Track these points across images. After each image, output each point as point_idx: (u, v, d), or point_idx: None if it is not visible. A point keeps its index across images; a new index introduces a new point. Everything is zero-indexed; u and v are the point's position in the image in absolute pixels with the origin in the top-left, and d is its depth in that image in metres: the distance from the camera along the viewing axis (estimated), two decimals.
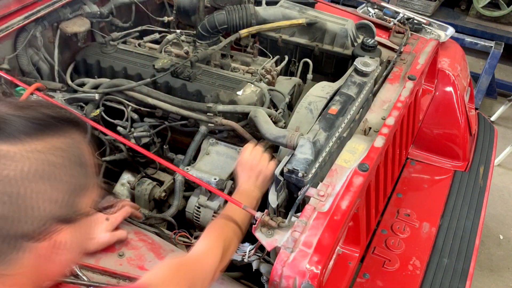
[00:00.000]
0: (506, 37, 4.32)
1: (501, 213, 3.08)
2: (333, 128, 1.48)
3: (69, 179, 0.76)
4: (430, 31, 2.32)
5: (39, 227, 0.73)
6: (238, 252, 1.31)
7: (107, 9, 2.10)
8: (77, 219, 0.78)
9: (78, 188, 0.78)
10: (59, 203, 0.75)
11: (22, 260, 0.74)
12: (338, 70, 2.04)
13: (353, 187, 1.34)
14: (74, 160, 0.78)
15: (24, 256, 0.74)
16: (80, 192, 0.78)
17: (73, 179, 0.77)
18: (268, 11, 2.09)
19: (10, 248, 0.72)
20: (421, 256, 1.70)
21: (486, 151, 2.34)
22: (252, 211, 1.26)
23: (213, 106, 1.59)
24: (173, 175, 1.60)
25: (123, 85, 1.66)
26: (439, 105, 2.26)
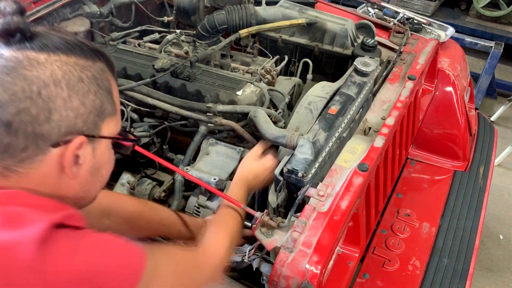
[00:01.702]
0: (506, 37, 4.32)
1: (501, 213, 3.07)
2: (333, 128, 1.48)
3: (95, 98, 0.83)
4: (430, 31, 2.33)
5: (60, 132, 0.79)
6: (237, 253, 1.31)
7: (107, 9, 2.10)
8: (97, 139, 0.85)
9: (103, 111, 0.85)
10: (83, 117, 0.81)
11: (41, 163, 0.80)
12: (338, 70, 2.04)
13: (353, 187, 1.34)
14: (99, 84, 0.84)
15: (42, 159, 0.79)
16: (104, 116, 0.85)
17: (99, 101, 0.83)
18: (268, 11, 2.09)
19: (29, 144, 0.78)
20: (421, 256, 1.70)
21: (486, 151, 2.34)
22: (252, 211, 1.26)
23: (213, 106, 1.59)
24: (172, 175, 1.60)
25: (123, 85, 1.66)
26: (439, 105, 2.26)
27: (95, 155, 0.86)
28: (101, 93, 0.84)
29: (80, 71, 0.81)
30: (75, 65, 0.81)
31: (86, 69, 0.82)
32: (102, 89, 0.85)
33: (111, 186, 1.67)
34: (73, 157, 0.81)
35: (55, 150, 0.80)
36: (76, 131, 0.81)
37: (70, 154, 0.81)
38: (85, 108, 0.81)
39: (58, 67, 0.79)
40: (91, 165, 0.86)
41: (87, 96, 0.81)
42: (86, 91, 0.81)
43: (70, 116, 0.79)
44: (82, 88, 0.81)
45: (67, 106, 0.79)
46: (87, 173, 0.86)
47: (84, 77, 0.81)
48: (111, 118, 0.88)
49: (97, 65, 0.85)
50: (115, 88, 0.90)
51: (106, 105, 0.85)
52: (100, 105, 0.84)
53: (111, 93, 0.87)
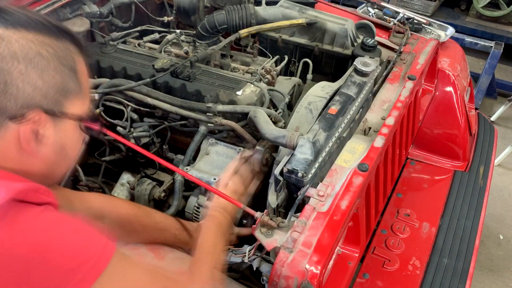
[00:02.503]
0: (506, 37, 4.32)
1: (501, 213, 3.07)
2: (333, 128, 1.48)
3: (56, 75, 0.83)
4: (430, 31, 2.32)
5: (17, 106, 0.79)
6: (237, 254, 1.31)
7: (106, 9, 2.10)
8: (61, 118, 0.85)
9: (65, 88, 0.84)
10: (43, 93, 0.81)
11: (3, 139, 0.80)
12: (338, 70, 2.04)
13: (353, 187, 1.34)
14: (64, 63, 0.84)
15: (4, 135, 0.80)
16: (67, 94, 0.85)
17: (60, 78, 0.83)
18: (268, 11, 2.09)
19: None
20: (421, 256, 1.70)
21: (486, 151, 2.34)
22: (251, 211, 1.26)
23: (213, 106, 1.59)
24: (172, 175, 1.60)
25: (123, 85, 1.66)
26: (439, 105, 2.26)
27: (57, 132, 0.85)
28: (62, 70, 0.84)
29: (40, 46, 0.81)
30: (38, 43, 0.81)
31: (47, 45, 0.82)
32: (65, 67, 0.84)
33: (111, 186, 1.68)
34: (31, 132, 0.81)
35: (13, 124, 0.80)
36: (34, 105, 0.81)
37: (28, 128, 0.81)
38: (43, 83, 0.81)
39: (16, 41, 0.79)
40: (56, 145, 0.86)
41: (46, 71, 0.81)
42: (45, 66, 0.81)
43: (27, 89, 0.79)
44: (44, 66, 0.81)
45: (24, 79, 0.79)
46: (50, 151, 0.86)
47: (44, 52, 0.81)
48: (76, 97, 0.87)
49: (62, 43, 0.85)
50: (82, 68, 0.89)
51: (69, 83, 0.85)
52: (64, 84, 0.84)
53: (76, 71, 0.87)
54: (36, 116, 0.81)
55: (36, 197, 0.79)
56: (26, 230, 0.74)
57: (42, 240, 0.75)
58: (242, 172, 1.48)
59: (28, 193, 0.77)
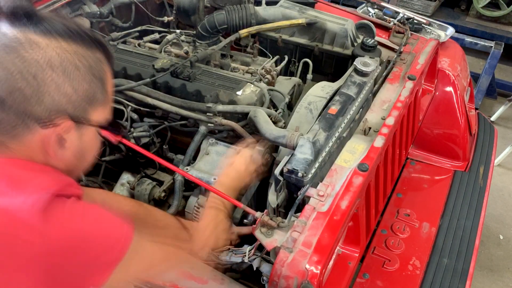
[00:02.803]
0: (506, 37, 4.32)
1: (501, 213, 3.07)
2: (333, 128, 1.47)
3: (87, 85, 0.86)
4: (430, 31, 2.32)
5: (49, 114, 0.83)
6: (237, 254, 1.31)
7: (107, 9, 2.10)
8: (84, 125, 0.89)
9: (92, 97, 0.88)
10: (72, 101, 0.85)
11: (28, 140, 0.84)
12: (338, 70, 2.04)
13: (353, 187, 1.34)
14: (94, 73, 0.88)
15: (29, 137, 0.84)
16: (93, 102, 0.89)
17: (90, 88, 0.87)
18: (268, 11, 2.09)
19: (20, 123, 0.82)
20: (421, 256, 1.70)
21: (486, 151, 2.34)
22: (251, 211, 1.26)
23: (213, 106, 1.59)
24: (172, 175, 1.60)
25: (123, 85, 1.66)
26: (439, 105, 2.26)
27: (82, 140, 0.90)
28: (95, 82, 0.87)
29: (78, 59, 0.84)
30: (74, 53, 0.84)
31: (84, 58, 0.86)
32: (97, 79, 0.88)
33: (111, 186, 1.67)
34: (58, 139, 0.85)
35: (43, 131, 0.84)
36: (65, 115, 0.85)
37: (55, 136, 0.85)
38: (77, 96, 0.85)
39: (57, 53, 0.82)
40: (77, 150, 0.90)
41: (81, 84, 0.85)
42: (81, 80, 0.85)
43: (61, 101, 0.83)
44: (77, 76, 0.84)
45: (60, 91, 0.82)
46: (72, 156, 0.91)
47: (81, 65, 0.85)
48: (102, 106, 0.91)
49: (96, 55, 0.88)
50: (109, 78, 0.93)
51: (99, 94, 0.89)
52: (92, 94, 0.87)
53: (105, 83, 0.91)
54: (62, 123, 0.85)
55: (68, 190, 0.86)
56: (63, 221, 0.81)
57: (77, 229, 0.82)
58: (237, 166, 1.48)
59: (63, 188, 0.84)
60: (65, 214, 0.82)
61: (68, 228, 0.81)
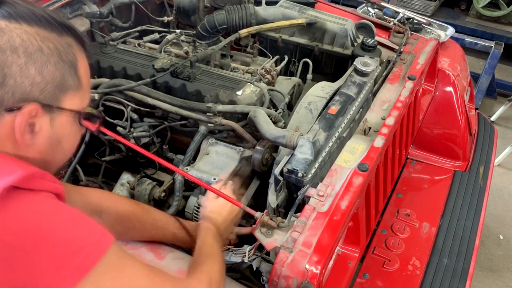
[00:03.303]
0: (506, 37, 4.32)
1: (501, 213, 3.07)
2: (333, 128, 1.47)
3: (56, 71, 0.84)
4: (430, 31, 2.32)
5: (14, 98, 0.81)
6: (237, 253, 1.31)
7: (106, 9, 2.10)
8: (54, 109, 0.86)
9: (64, 84, 0.86)
10: (41, 87, 0.82)
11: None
12: (338, 70, 2.04)
13: (353, 187, 1.34)
14: (64, 59, 0.85)
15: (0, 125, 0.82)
16: (65, 89, 0.86)
17: (56, 71, 0.84)
18: (268, 11, 2.09)
19: None
20: (421, 256, 1.70)
21: (486, 151, 2.34)
22: (251, 211, 1.26)
23: (213, 106, 1.59)
24: (172, 175, 1.60)
25: (123, 85, 1.66)
26: (439, 105, 2.26)
27: (53, 126, 0.87)
28: (62, 66, 0.85)
29: (41, 41, 0.82)
30: (36, 35, 0.82)
31: (49, 40, 0.83)
32: (65, 62, 0.86)
33: (111, 186, 1.67)
34: (25, 124, 0.83)
35: (8, 115, 0.82)
36: (31, 99, 0.82)
37: (22, 120, 0.82)
38: (42, 78, 0.82)
39: (17, 35, 0.80)
40: (49, 135, 0.87)
41: (45, 67, 0.83)
42: (45, 62, 0.83)
43: (25, 83, 0.81)
44: (40, 57, 0.82)
45: (22, 73, 0.80)
46: (45, 143, 0.88)
47: (45, 47, 0.83)
48: (74, 92, 0.89)
49: (63, 39, 0.86)
50: (82, 64, 0.90)
51: (68, 79, 0.87)
52: (60, 78, 0.85)
53: (76, 68, 0.88)
54: (32, 110, 0.82)
55: (32, 184, 0.80)
56: (17, 216, 0.76)
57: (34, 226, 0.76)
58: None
59: (25, 180, 0.79)
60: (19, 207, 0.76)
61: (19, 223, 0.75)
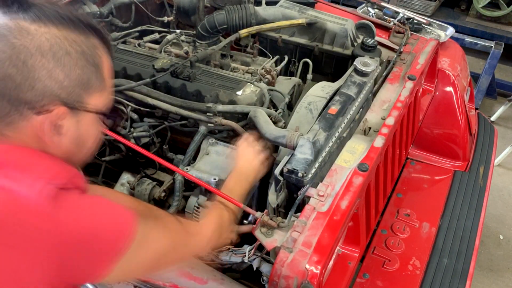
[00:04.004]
0: (506, 37, 4.32)
1: (501, 213, 3.07)
2: (333, 128, 1.48)
3: (79, 71, 0.85)
4: (430, 31, 2.33)
5: (41, 100, 0.82)
6: (237, 254, 1.31)
7: (107, 9, 2.10)
8: (80, 111, 0.88)
9: (87, 83, 0.87)
10: (64, 87, 0.84)
11: (23, 127, 0.84)
12: (338, 70, 2.04)
13: (353, 187, 1.34)
14: (88, 59, 0.87)
15: (24, 124, 0.84)
16: (88, 89, 0.88)
17: (83, 74, 0.86)
18: (268, 11, 2.09)
19: (13, 110, 0.82)
20: (421, 256, 1.70)
21: (486, 151, 2.34)
22: (251, 211, 1.26)
23: (213, 106, 1.59)
24: (172, 175, 1.60)
25: (123, 85, 1.66)
26: (439, 105, 2.26)
27: (79, 127, 0.89)
28: (89, 68, 0.86)
29: (69, 45, 0.83)
30: (64, 39, 0.83)
31: (76, 43, 0.85)
32: (91, 65, 0.87)
33: (111, 186, 1.67)
34: (53, 126, 0.85)
35: (37, 117, 0.83)
36: (59, 102, 0.84)
37: (50, 122, 0.84)
38: (69, 81, 0.84)
39: (47, 39, 0.81)
40: (75, 136, 0.89)
41: (73, 70, 0.84)
42: (73, 65, 0.84)
43: (53, 87, 0.82)
44: (68, 61, 0.83)
45: (51, 77, 0.82)
46: (70, 144, 0.90)
47: (72, 51, 0.84)
48: (99, 93, 0.90)
49: (90, 41, 0.87)
50: (106, 64, 0.92)
51: (94, 80, 0.88)
52: (86, 80, 0.86)
53: (101, 69, 0.90)
54: (57, 110, 0.84)
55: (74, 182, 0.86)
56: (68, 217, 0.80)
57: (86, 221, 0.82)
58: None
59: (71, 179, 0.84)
60: (74, 205, 0.82)
61: (79, 220, 0.81)
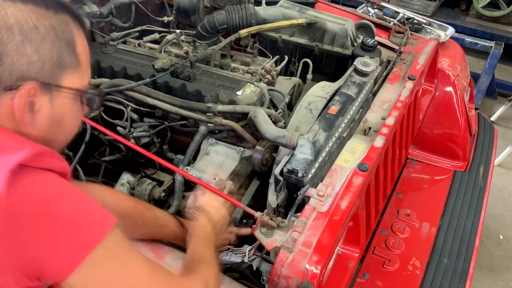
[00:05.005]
0: (506, 37, 4.32)
1: (501, 213, 3.07)
2: (333, 128, 1.48)
3: (53, 49, 0.83)
4: (430, 31, 2.33)
5: (12, 77, 0.81)
6: (237, 253, 1.31)
7: (107, 9, 2.09)
8: (52, 87, 0.85)
9: (62, 62, 0.85)
10: (38, 66, 0.82)
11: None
12: (338, 70, 2.04)
13: (353, 187, 1.34)
14: (59, 35, 0.84)
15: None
16: (64, 68, 0.86)
17: (54, 49, 0.84)
18: (268, 11, 2.09)
19: None
20: (421, 256, 1.70)
21: (486, 151, 2.34)
22: (251, 211, 1.26)
23: (213, 106, 1.59)
24: (172, 175, 1.60)
25: (123, 85, 1.66)
26: (439, 105, 2.26)
27: (53, 105, 0.87)
28: (59, 44, 0.84)
29: (36, 19, 0.82)
30: (30, 13, 0.82)
31: (44, 18, 0.83)
32: (62, 40, 0.85)
33: (111, 186, 1.67)
34: (24, 102, 0.83)
35: (7, 94, 0.82)
36: (29, 77, 0.82)
37: (21, 99, 0.82)
38: (39, 56, 0.82)
39: (12, 13, 0.80)
40: (49, 114, 0.87)
41: (41, 45, 0.82)
42: (41, 40, 0.82)
43: (22, 62, 0.81)
44: (36, 35, 0.81)
45: (19, 52, 0.80)
46: (45, 122, 0.87)
47: (40, 26, 0.82)
48: (73, 71, 0.88)
49: (59, 17, 0.86)
50: (81, 42, 0.89)
51: (66, 56, 0.86)
52: (58, 56, 0.84)
53: (73, 45, 0.87)
54: (30, 88, 0.82)
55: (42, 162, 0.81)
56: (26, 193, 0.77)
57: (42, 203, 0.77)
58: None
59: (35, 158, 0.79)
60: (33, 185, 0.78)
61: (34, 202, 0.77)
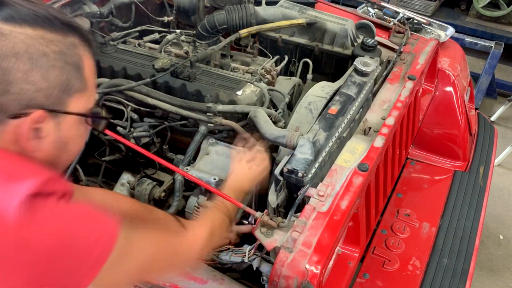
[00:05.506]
0: (506, 37, 4.32)
1: (501, 213, 3.07)
2: (333, 128, 1.48)
3: (57, 72, 0.81)
4: (430, 31, 2.33)
5: (20, 105, 0.79)
6: (237, 253, 1.31)
7: (107, 9, 2.09)
8: (63, 116, 0.84)
9: (69, 87, 0.83)
10: (45, 91, 0.80)
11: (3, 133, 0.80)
12: (338, 70, 2.04)
13: (353, 187, 1.34)
14: (68, 60, 0.82)
15: (3, 129, 0.80)
16: (68, 90, 0.83)
17: (62, 75, 0.82)
18: (268, 11, 2.09)
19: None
20: (421, 256, 1.70)
21: (486, 151, 2.34)
22: (251, 211, 1.26)
23: (213, 106, 1.59)
24: (172, 175, 1.60)
25: (123, 85, 1.66)
26: (439, 105, 2.26)
27: (60, 129, 0.85)
28: (68, 69, 0.82)
29: (45, 45, 0.79)
30: (40, 39, 0.79)
31: (53, 43, 0.80)
32: (70, 65, 0.83)
33: (111, 186, 1.68)
34: (30, 130, 0.81)
35: (13, 122, 0.80)
36: (36, 105, 0.80)
37: (27, 127, 0.80)
38: (47, 83, 0.80)
39: (22, 40, 0.77)
40: (55, 139, 0.85)
41: (50, 71, 0.80)
42: (50, 66, 0.80)
43: (30, 90, 0.78)
44: (45, 63, 0.79)
45: (27, 80, 0.78)
46: (51, 147, 0.86)
47: (49, 51, 0.80)
48: (80, 94, 0.86)
49: (68, 40, 0.83)
50: (88, 64, 0.87)
51: (74, 81, 0.84)
52: (66, 81, 0.82)
53: (81, 69, 0.85)
54: (34, 113, 0.80)
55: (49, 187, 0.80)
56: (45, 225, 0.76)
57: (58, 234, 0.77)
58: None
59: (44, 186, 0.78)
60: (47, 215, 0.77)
61: (50, 234, 0.76)
